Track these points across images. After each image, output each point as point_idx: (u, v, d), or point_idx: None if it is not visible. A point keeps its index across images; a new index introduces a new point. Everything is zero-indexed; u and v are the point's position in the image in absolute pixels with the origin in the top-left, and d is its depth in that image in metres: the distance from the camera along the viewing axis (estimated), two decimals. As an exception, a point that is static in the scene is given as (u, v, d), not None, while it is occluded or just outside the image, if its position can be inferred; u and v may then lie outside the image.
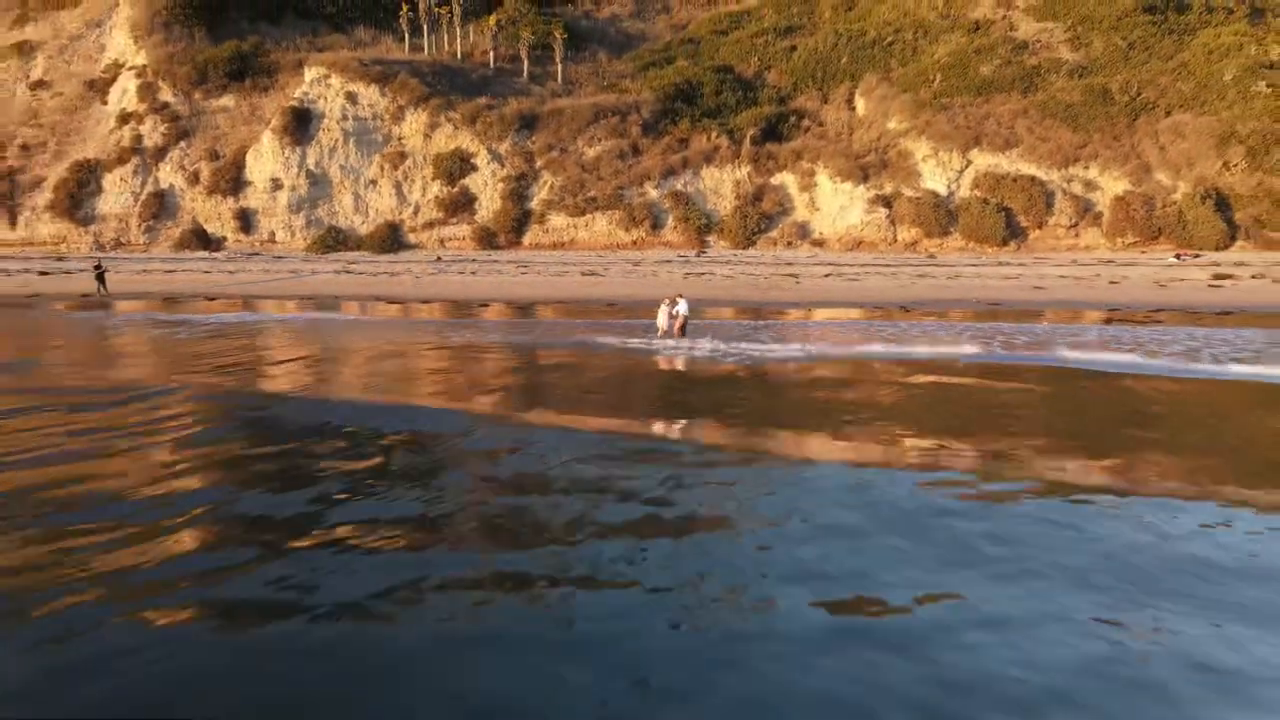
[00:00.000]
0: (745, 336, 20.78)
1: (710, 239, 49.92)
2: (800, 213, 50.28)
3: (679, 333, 20.31)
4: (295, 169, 51.04)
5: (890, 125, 52.22)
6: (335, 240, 50.30)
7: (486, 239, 50.64)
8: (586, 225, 50.79)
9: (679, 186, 51.12)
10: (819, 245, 48.88)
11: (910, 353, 17.59)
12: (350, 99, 52.33)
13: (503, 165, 52.13)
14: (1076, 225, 47.54)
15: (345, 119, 52.04)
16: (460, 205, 51.55)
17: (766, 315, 27.45)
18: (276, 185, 50.88)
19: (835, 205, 49.61)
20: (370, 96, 52.58)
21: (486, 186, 51.91)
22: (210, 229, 50.76)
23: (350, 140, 51.96)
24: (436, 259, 46.74)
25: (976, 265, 39.09)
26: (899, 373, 15.11)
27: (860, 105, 55.58)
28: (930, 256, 46.10)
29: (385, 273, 40.36)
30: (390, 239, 50.62)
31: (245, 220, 50.78)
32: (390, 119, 52.65)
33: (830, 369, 15.76)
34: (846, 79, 57.89)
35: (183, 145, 51.97)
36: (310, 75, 53.05)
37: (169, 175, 51.42)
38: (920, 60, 57.43)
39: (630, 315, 26.00)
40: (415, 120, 52.48)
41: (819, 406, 12.30)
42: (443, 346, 19.47)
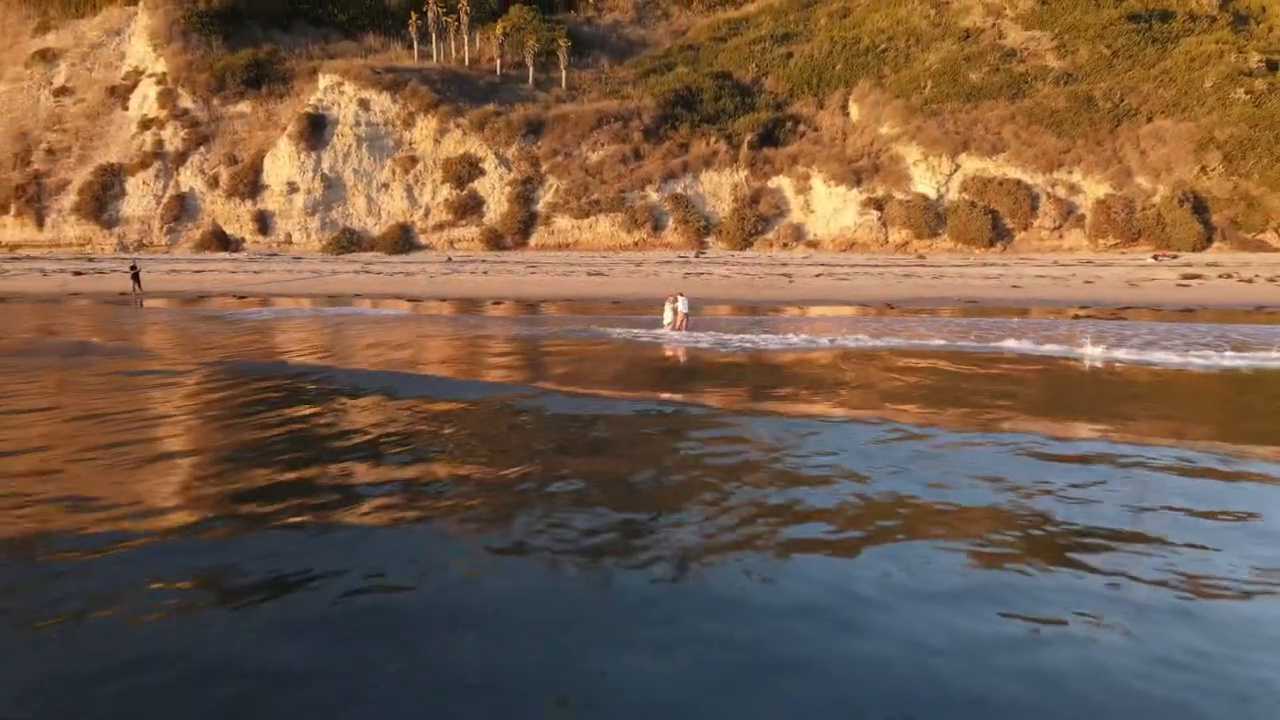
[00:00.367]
0: (741, 330, 22.87)
1: (709, 240, 51.99)
2: (796, 215, 52.34)
3: (680, 326, 22.44)
4: (311, 173, 53.16)
5: (882, 130, 54.27)
6: (349, 241, 52.42)
7: (494, 240, 52.74)
8: (590, 227, 52.86)
9: (679, 190, 53.19)
10: (814, 246, 50.95)
11: (883, 344, 19.65)
12: (363, 105, 54.43)
13: (509, 169, 54.21)
14: (1060, 227, 49.57)
15: (358, 125, 54.15)
16: (469, 208, 53.65)
17: (761, 312, 29.50)
18: (293, 188, 53.02)
19: (829, 208, 51.67)
20: (382, 103, 54.67)
21: (494, 190, 54.00)
22: (229, 230, 52.92)
23: (363, 145, 54.07)
24: (448, 259, 48.90)
25: (960, 266, 41.19)
26: (868, 358, 17.30)
27: (854, 111, 57.61)
28: (920, 257, 48.14)
29: (401, 272, 42.49)
30: (402, 240, 52.74)
31: (263, 222, 52.94)
32: (401, 125, 54.75)
33: (813, 356, 17.89)
34: (841, 85, 59.87)
35: (202, 150, 54.12)
36: (324, 83, 55.15)
37: (189, 179, 53.58)
38: (912, 67, 59.42)
39: (635, 312, 28.06)
40: (425, 126, 54.58)
41: (803, 383, 14.55)
42: (488, 338, 22.00)
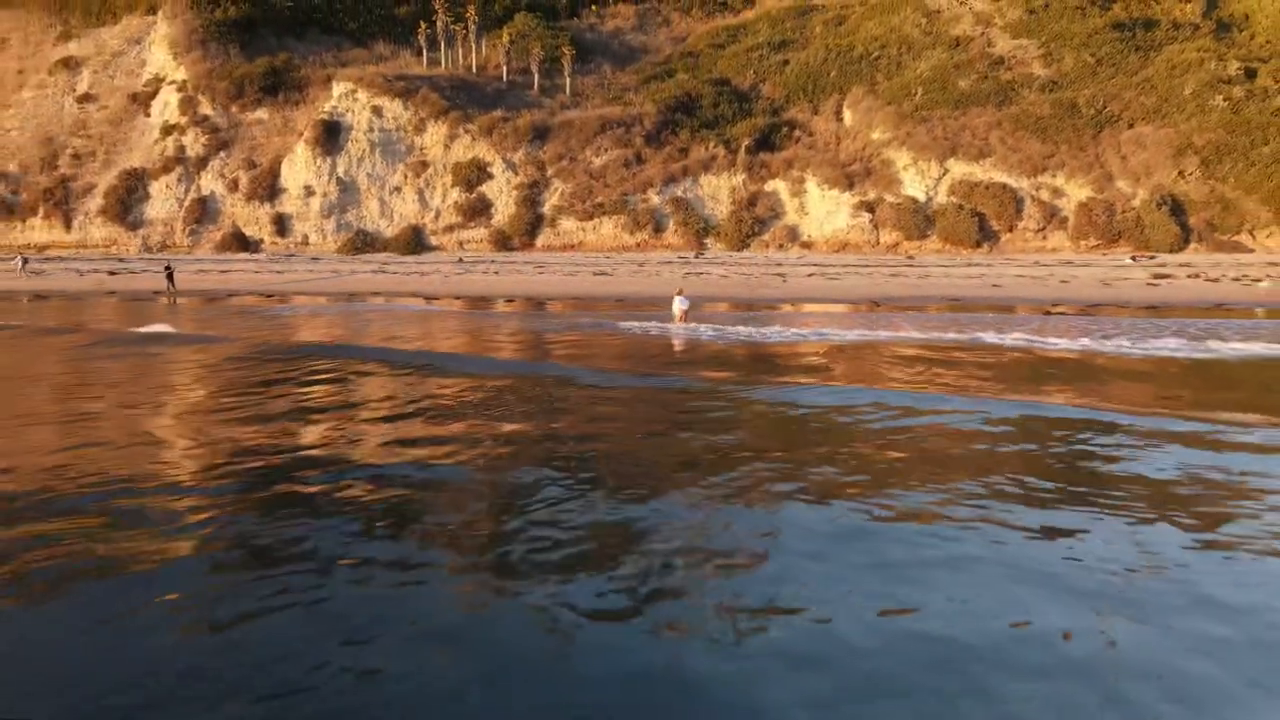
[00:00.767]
0: (738, 324, 25.19)
1: (708, 241, 54.28)
2: (791, 217, 54.63)
3: (682, 320, 24.82)
4: (326, 177, 55.48)
5: (874, 136, 56.55)
6: (363, 243, 54.73)
7: (502, 241, 55.03)
8: (594, 229, 55.16)
9: (679, 193, 55.47)
10: (808, 247, 53.24)
11: (862, 335, 21.93)
12: (376, 112, 56.73)
13: (516, 173, 56.50)
14: (1044, 229, 51.85)
15: (372, 131, 56.44)
16: (478, 210, 55.94)
17: (756, 309, 31.76)
18: (309, 192, 55.32)
19: (823, 210, 53.95)
20: (394, 110, 56.97)
21: (502, 193, 56.28)
22: (248, 232, 55.24)
23: (376, 150, 56.37)
24: (459, 260, 51.21)
25: (946, 266, 43.46)
26: (846, 346, 19.66)
27: (848, 116, 59.90)
28: (909, 258, 50.41)
29: (416, 272, 44.76)
30: (414, 241, 55.04)
31: (281, 224, 55.26)
32: (413, 130, 57.05)
33: (801, 344, 20.21)
34: (835, 91, 62.16)
35: (222, 155, 56.45)
36: (338, 90, 57.45)
37: (210, 183, 55.91)
38: (904, 74, 61.71)
39: (639, 309, 30.31)
40: (436, 132, 56.88)
41: (789, 364, 16.89)
42: (512, 330, 24.33)
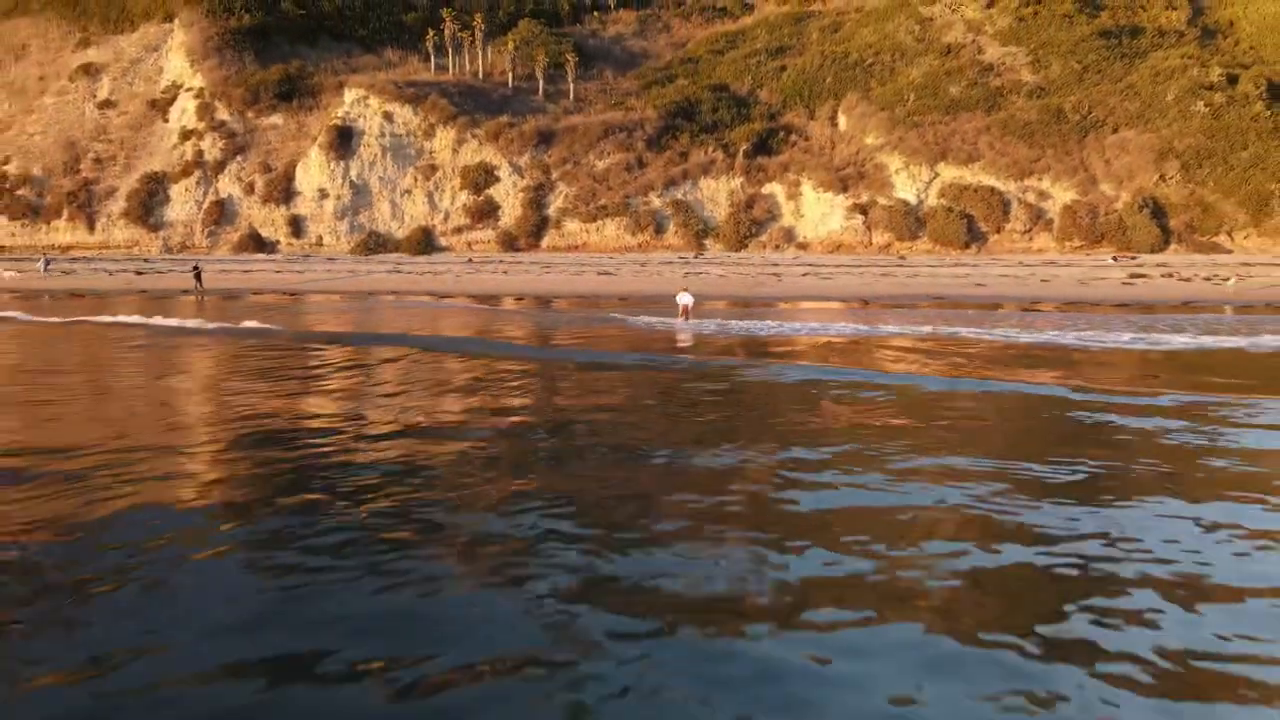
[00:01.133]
0: (736, 318, 27.29)
1: (707, 242, 56.36)
2: (787, 219, 56.71)
3: (685, 315, 26.86)
4: (339, 180, 57.60)
5: (868, 140, 58.62)
6: (375, 243, 56.85)
7: (508, 242, 57.12)
8: (597, 230, 57.26)
9: (679, 195, 57.56)
10: (803, 248, 55.31)
11: (851, 328, 23.99)
12: (387, 118, 58.85)
13: (522, 176, 58.60)
14: (1030, 230, 53.91)
15: (383, 135, 58.57)
16: (485, 212, 58.05)
17: (753, 306, 33.81)
18: (323, 195, 57.47)
19: (818, 212, 56.03)
20: (404, 115, 59.08)
21: (508, 196, 58.38)
22: (265, 233, 57.38)
23: (387, 154, 58.50)
24: (469, 260, 53.32)
25: (934, 266, 45.52)
26: (833, 336, 21.73)
27: (842, 122, 61.95)
28: (900, 258, 52.44)
29: (429, 272, 46.84)
30: (424, 242, 57.15)
31: (296, 226, 57.40)
32: (422, 135, 59.16)
33: (794, 337, 22.27)
34: (831, 97, 64.19)
35: (239, 159, 58.58)
36: (350, 96, 59.58)
37: (228, 186, 58.05)
38: (897, 81, 63.76)
39: (642, 306, 32.36)
40: (445, 136, 58.98)
41: (783, 350, 18.95)
42: (530, 323, 26.56)
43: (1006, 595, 5.32)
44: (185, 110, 60.84)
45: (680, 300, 27.24)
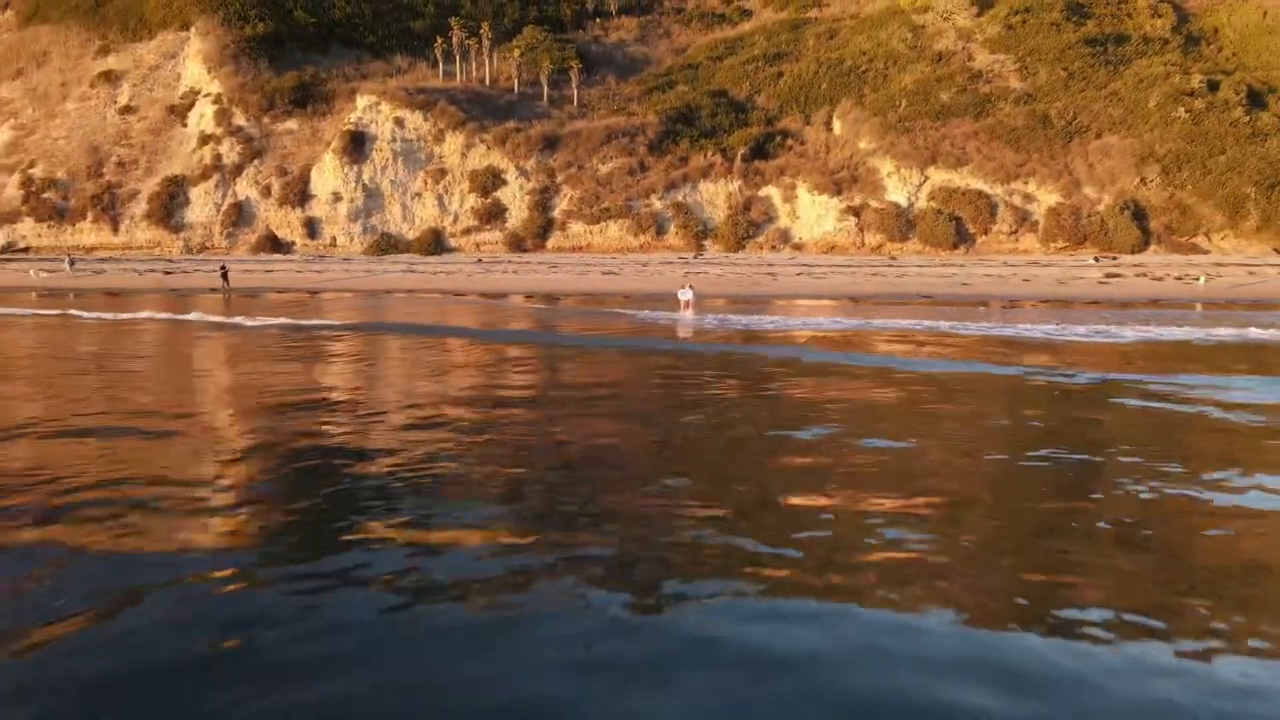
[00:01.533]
0: (733, 313, 29.61)
1: (706, 243, 58.65)
2: (783, 221, 58.99)
3: (686, 309, 29.20)
4: (353, 183, 59.91)
5: (861, 145, 60.89)
6: (387, 245, 59.15)
7: (515, 243, 59.39)
8: (601, 232, 59.53)
9: (680, 198, 59.84)
10: (799, 249, 57.59)
11: (842, 323, 26.28)
12: (398, 123, 61.13)
13: (529, 180, 60.87)
14: (1016, 232, 56.18)
15: (394, 140, 60.86)
16: (493, 214, 60.32)
17: (750, 303, 36.10)
18: (337, 197, 59.77)
19: (813, 215, 58.31)
20: (415, 121, 61.37)
21: (515, 198, 60.66)
22: (281, 235, 59.69)
23: (398, 159, 60.78)
24: (479, 260, 55.62)
25: (922, 266, 47.82)
26: (822, 330, 24.03)
27: (837, 127, 64.23)
28: (891, 259, 54.71)
29: (442, 272, 49.14)
30: (434, 243, 59.44)
31: (311, 227, 59.71)
32: (432, 140, 61.44)
33: (785, 328, 24.60)
34: (826, 103, 66.39)
35: (256, 163, 60.88)
36: (363, 102, 61.86)
37: (245, 189, 60.35)
38: (889, 87, 65.97)
39: (645, 304, 34.65)
40: (453, 141, 61.26)
41: (777, 337, 21.31)
42: (548, 317, 28.87)
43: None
44: (203, 116, 63.12)
45: (681, 295, 29.51)
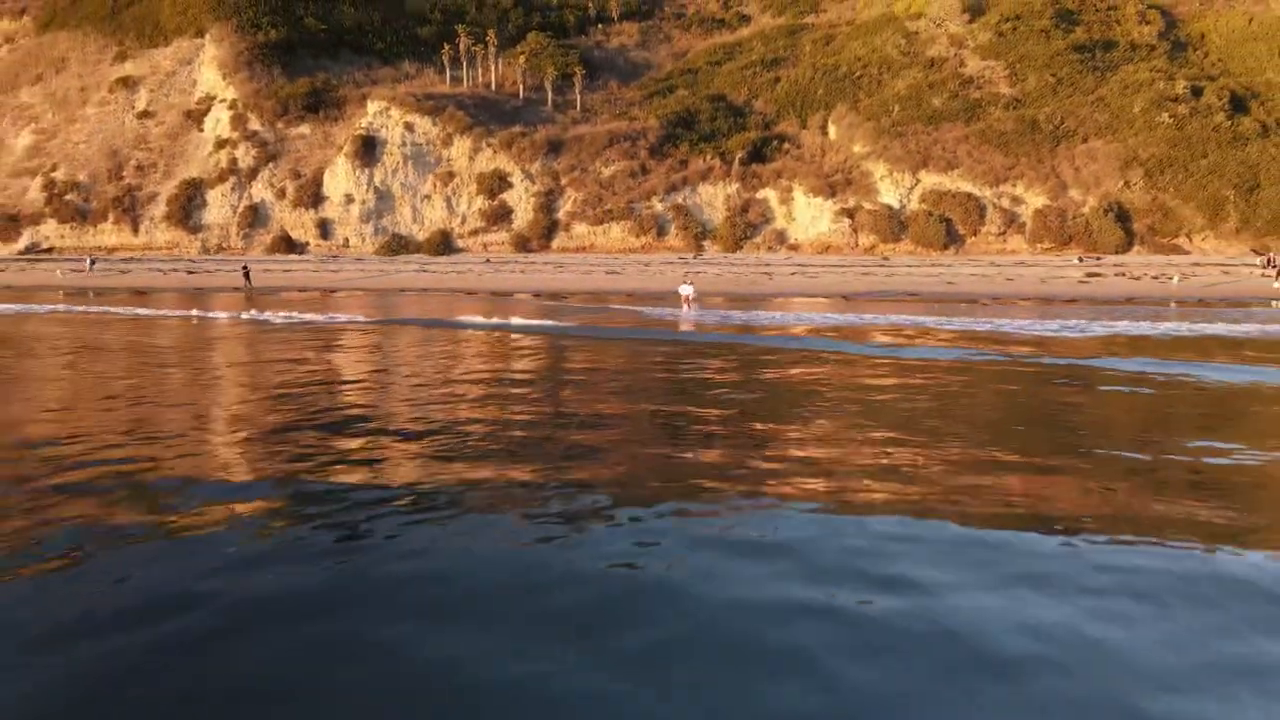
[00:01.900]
0: (731, 309, 31.69)
1: (705, 244, 60.74)
2: (780, 222, 61.08)
3: (687, 305, 31.26)
4: (364, 186, 62.02)
5: (855, 149, 62.97)
6: (398, 245, 61.25)
7: (521, 244, 61.49)
8: (604, 232, 61.63)
9: (680, 200, 61.93)
10: (795, 250, 59.67)
11: (833, 318, 28.36)
12: (408, 128, 63.24)
13: (534, 183, 62.97)
14: (1004, 233, 58.25)
15: (404, 145, 62.97)
16: (499, 216, 62.42)
17: (747, 300, 38.20)
18: (349, 200, 61.87)
19: (808, 216, 60.39)
20: (424, 126, 63.48)
21: (521, 200, 62.76)
22: (295, 236, 61.81)
23: (408, 162, 62.89)
24: (487, 260, 57.73)
25: (911, 266, 49.89)
26: (814, 324, 26.12)
27: (832, 131, 66.29)
28: (884, 259, 56.77)
29: (453, 271, 51.24)
30: (443, 244, 61.55)
31: (324, 229, 61.82)
32: (441, 144, 63.55)
33: (780, 323, 26.70)
34: (821, 108, 68.46)
35: (270, 166, 63.00)
36: (373, 108, 63.96)
37: (260, 191, 62.47)
38: (883, 92, 68.04)
39: (647, 301, 36.75)
40: (461, 145, 63.37)
41: (773, 330, 23.38)
42: (561, 313, 30.85)
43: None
44: (219, 121, 65.24)
45: (682, 291, 31.58)
